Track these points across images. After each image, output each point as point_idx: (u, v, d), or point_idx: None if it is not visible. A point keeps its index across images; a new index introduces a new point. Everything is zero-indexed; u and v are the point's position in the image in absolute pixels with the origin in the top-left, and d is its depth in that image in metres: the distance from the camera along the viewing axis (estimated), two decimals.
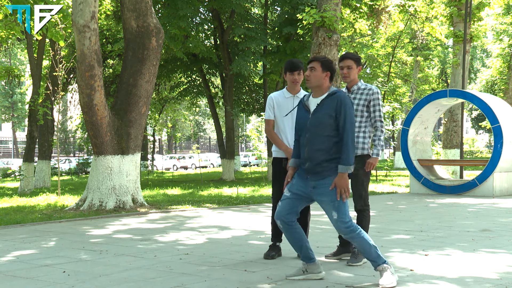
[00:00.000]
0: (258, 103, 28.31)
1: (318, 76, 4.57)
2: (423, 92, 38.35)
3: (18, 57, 48.03)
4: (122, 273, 4.99)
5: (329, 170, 4.46)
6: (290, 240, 4.69)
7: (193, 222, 8.75)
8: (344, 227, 4.43)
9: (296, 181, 4.63)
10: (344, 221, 4.42)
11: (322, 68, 4.57)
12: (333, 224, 4.48)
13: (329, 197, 4.44)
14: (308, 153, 4.53)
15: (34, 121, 18.48)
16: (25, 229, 8.18)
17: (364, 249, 4.46)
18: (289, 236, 4.67)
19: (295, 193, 4.60)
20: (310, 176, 4.52)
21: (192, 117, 57.36)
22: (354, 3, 20.41)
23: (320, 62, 4.58)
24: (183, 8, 19.12)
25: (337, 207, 4.42)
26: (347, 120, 4.44)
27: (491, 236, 7.02)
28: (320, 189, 4.48)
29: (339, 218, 4.42)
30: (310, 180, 4.52)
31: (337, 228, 4.48)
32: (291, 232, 4.64)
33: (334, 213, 4.43)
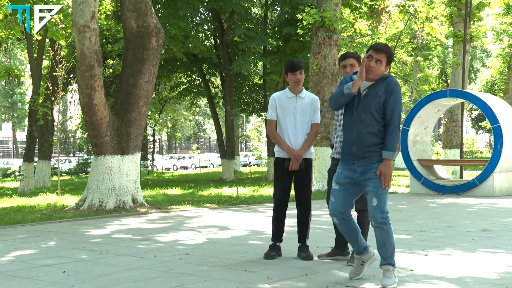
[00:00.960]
0: (258, 103, 28.32)
1: (382, 69, 4.39)
2: (423, 92, 38.34)
3: (18, 57, 48.03)
4: (122, 273, 4.99)
5: (378, 156, 4.38)
6: (347, 234, 4.60)
7: (193, 222, 8.76)
8: (381, 216, 4.34)
9: (342, 170, 4.50)
10: (383, 210, 4.34)
11: (387, 62, 4.40)
12: (370, 211, 4.39)
13: (374, 183, 4.35)
14: (355, 136, 4.42)
15: (34, 121, 18.48)
16: (25, 229, 8.18)
17: (384, 244, 4.38)
18: (346, 231, 4.58)
19: (344, 183, 4.48)
20: (357, 161, 4.42)
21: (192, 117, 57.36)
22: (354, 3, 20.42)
23: (388, 56, 4.38)
24: (183, 8, 19.12)
25: (379, 194, 4.34)
26: (396, 106, 4.38)
27: (491, 236, 7.02)
28: (367, 174, 4.38)
29: (379, 206, 4.33)
30: (357, 165, 4.42)
31: (372, 216, 4.37)
32: (349, 226, 4.56)
33: (374, 199, 4.34)
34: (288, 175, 5.57)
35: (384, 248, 4.40)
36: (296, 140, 5.53)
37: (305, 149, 5.53)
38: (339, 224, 4.57)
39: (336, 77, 14.76)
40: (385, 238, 4.39)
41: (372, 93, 4.42)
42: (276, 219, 5.65)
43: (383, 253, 4.41)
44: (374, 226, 4.40)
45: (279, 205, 5.63)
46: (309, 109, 5.57)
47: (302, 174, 5.54)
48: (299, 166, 5.48)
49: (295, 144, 5.52)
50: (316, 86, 14.75)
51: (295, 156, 5.43)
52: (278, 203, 5.63)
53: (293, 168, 5.47)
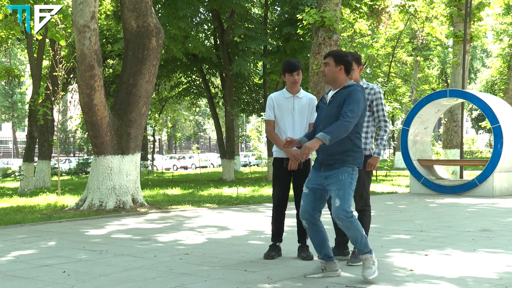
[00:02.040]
0: (258, 103, 28.31)
1: (331, 70, 4.67)
2: (423, 92, 38.33)
3: (18, 57, 48.03)
4: (122, 273, 4.99)
5: (342, 162, 4.59)
6: (313, 239, 4.76)
7: (193, 222, 8.76)
8: (343, 215, 4.46)
9: (311, 175, 4.77)
10: (345, 210, 4.48)
11: (335, 62, 4.65)
12: (333, 211, 4.54)
13: (336, 186, 4.55)
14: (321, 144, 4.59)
15: (34, 121, 18.48)
16: (25, 229, 8.18)
17: (356, 238, 4.54)
18: (313, 235, 4.74)
19: (312, 187, 4.71)
20: (324, 167, 4.66)
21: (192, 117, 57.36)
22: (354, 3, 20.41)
23: (334, 57, 4.67)
24: (183, 8, 19.11)
25: (341, 196, 4.52)
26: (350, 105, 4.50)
27: (491, 236, 7.02)
28: (331, 178, 4.59)
29: (340, 206, 4.49)
30: (324, 171, 4.66)
31: (336, 215, 4.51)
32: (317, 231, 4.73)
33: (337, 200, 4.52)
34: (287, 175, 5.57)
35: (357, 241, 4.56)
36: None
37: (303, 152, 5.52)
38: (308, 228, 4.74)
39: None
40: (355, 232, 4.52)
41: (334, 101, 4.64)
42: (275, 219, 5.66)
43: (358, 245, 4.58)
44: (342, 226, 4.53)
45: (279, 205, 5.63)
46: (307, 109, 5.58)
47: (301, 174, 5.54)
48: (298, 166, 5.49)
49: None
50: (316, 86, 14.75)
51: (294, 156, 5.43)
52: (278, 203, 5.63)
53: (292, 168, 5.47)
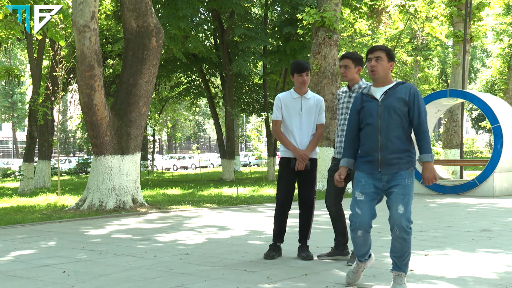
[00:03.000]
0: (258, 103, 28.32)
1: (385, 66, 4.32)
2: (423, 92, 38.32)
3: (18, 57, 48.03)
4: (122, 273, 4.99)
5: (406, 163, 4.24)
6: (363, 247, 4.38)
7: (193, 222, 8.76)
8: (406, 224, 4.11)
9: (366, 180, 4.29)
10: (409, 219, 4.14)
11: (388, 58, 4.35)
12: (394, 218, 4.14)
13: (402, 190, 4.17)
14: (382, 141, 4.23)
15: (34, 121, 18.48)
16: (25, 229, 8.18)
17: (403, 254, 4.17)
18: (364, 243, 4.35)
19: (370, 193, 4.27)
20: (384, 168, 4.24)
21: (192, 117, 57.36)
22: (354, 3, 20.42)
23: (386, 52, 4.34)
24: (183, 9, 19.11)
25: (406, 202, 4.15)
26: (422, 110, 4.27)
27: (491, 236, 7.02)
28: (394, 181, 4.21)
29: (405, 214, 4.12)
30: (383, 174, 4.24)
31: (398, 224, 4.11)
32: (368, 238, 4.36)
33: (401, 206, 4.13)
34: (292, 175, 5.58)
35: (402, 258, 4.19)
36: (301, 141, 5.55)
37: (311, 149, 5.54)
38: (361, 237, 4.31)
39: (336, 77, 14.76)
40: (406, 248, 4.16)
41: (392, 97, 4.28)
42: (278, 219, 5.65)
43: (399, 262, 4.21)
44: (396, 236, 4.15)
45: (283, 205, 5.63)
46: (315, 109, 5.59)
47: (307, 174, 5.55)
48: (304, 166, 5.49)
49: (301, 144, 5.54)
50: (316, 86, 14.75)
51: (301, 156, 5.44)
52: (282, 203, 5.62)
53: (299, 168, 5.48)
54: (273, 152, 23.81)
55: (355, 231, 4.30)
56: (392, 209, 4.18)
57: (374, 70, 4.32)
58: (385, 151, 4.23)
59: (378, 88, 4.37)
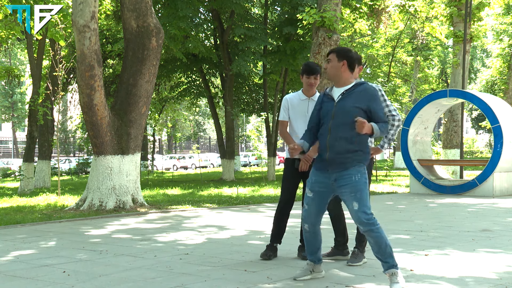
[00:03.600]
0: (258, 103, 28.31)
1: (334, 66, 4.51)
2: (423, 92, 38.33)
3: (18, 57, 48.02)
4: (122, 273, 4.99)
5: (352, 162, 4.36)
6: (311, 243, 4.61)
7: (193, 222, 8.76)
8: (365, 218, 4.24)
9: (316, 178, 4.49)
10: (366, 212, 4.26)
11: (337, 58, 4.50)
12: (353, 216, 4.31)
13: (350, 188, 4.32)
14: (330, 141, 4.40)
15: (34, 121, 18.48)
16: (25, 229, 8.18)
17: (379, 247, 4.25)
18: (311, 240, 4.60)
19: (318, 191, 4.48)
20: (332, 168, 4.39)
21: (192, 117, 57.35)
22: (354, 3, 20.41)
23: (336, 53, 4.51)
24: (183, 9, 19.11)
25: (359, 198, 4.29)
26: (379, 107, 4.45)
27: (491, 236, 7.02)
28: (342, 180, 4.35)
29: (360, 209, 4.26)
30: (332, 172, 4.39)
31: (356, 219, 4.29)
32: (316, 235, 4.59)
33: (355, 203, 4.28)
34: (296, 176, 5.59)
35: (381, 250, 4.26)
36: None
37: (315, 150, 5.54)
38: (308, 232, 4.58)
39: None
40: (378, 239, 4.24)
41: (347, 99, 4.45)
42: (278, 219, 5.65)
43: (382, 256, 4.26)
44: (364, 231, 4.28)
45: (285, 205, 5.63)
46: None
47: None
48: (308, 167, 5.50)
49: None
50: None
51: (305, 157, 5.46)
52: (284, 203, 5.63)
53: (302, 168, 5.49)
54: (273, 152, 23.81)
55: (303, 224, 4.61)
56: (348, 208, 4.40)
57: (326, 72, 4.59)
58: (331, 151, 4.40)
59: (338, 89, 4.56)
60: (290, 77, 24.44)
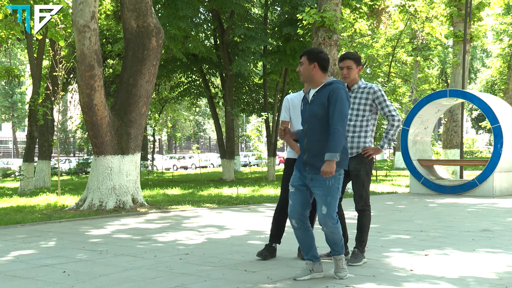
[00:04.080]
0: (258, 103, 28.31)
1: (305, 68, 4.60)
2: (423, 92, 38.33)
3: (18, 57, 48.02)
4: (122, 273, 4.99)
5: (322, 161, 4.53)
6: (302, 240, 4.71)
7: (193, 222, 8.76)
8: (331, 222, 4.53)
9: (295, 174, 4.69)
10: (333, 217, 4.52)
11: (308, 60, 4.59)
12: (320, 218, 4.55)
13: (323, 192, 4.52)
14: (306, 144, 4.57)
15: (34, 121, 18.48)
16: (25, 229, 8.18)
17: (335, 242, 4.62)
18: (302, 236, 4.69)
19: (298, 186, 4.65)
20: (308, 168, 4.57)
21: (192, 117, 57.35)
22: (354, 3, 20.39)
23: (306, 55, 4.61)
24: (183, 9, 19.10)
25: (329, 203, 4.52)
26: (336, 109, 4.43)
27: (491, 236, 7.02)
28: (316, 182, 4.54)
29: (328, 214, 4.53)
30: (308, 172, 4.58)
31: (322, 222, 4.55)
32: (306, 231, 4.68)
33: (324, 207, 4.52)
34: None
35: (336, 243, 4.64)
36: None
37: None
38: (297, 228, 4.66)
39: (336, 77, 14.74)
40: (337, 237, 4.61)
41: (315, 102, 4.56)
42: (277, 219, 5.65)
43: (336, 247, 4.65)
44: (326, 231, 4.60)
45: (284, 206, 5.62)
46: None
47: None
48: None
49: None
50: None
51: None
52: (284, 203, 5.62)
53: None
54: (273, 152, 23.81)
55: (290, 221, 4.72)
56: (317, 209, 4.59)
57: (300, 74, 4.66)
58: (308, 154, 4.56)
59: (312, 90, 4.68)
60: (290, 77, 24.44)
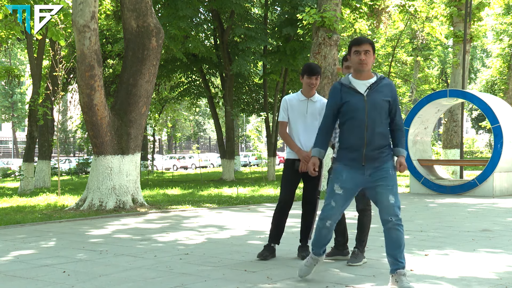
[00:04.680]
0: (258, 103, 28.31)
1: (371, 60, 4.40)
2: (423, 92, 38.32)
3: (18, 57, 48.02)
4: (122, 273, 4.99)
5: (388, 155, 4.38)
6: (325, 238, 4.51)
7: (193, 222, 8.76)
8: (399, 212, 4.29)
9: (347, 175, 4.36)
10: (400, 207, 4.31)
11: (373, 51, 4.43)
12: (388, 208, 4.26)
13: (389, 182, 4.32)
14: (368, 137, 4.30)
15: (34, 121, 18.48)
16: (25, 229, 8.18)
17: (400, 244, 4.24)
18: (327, 235, 4.50)
19: (349, 188, 4.37)
20: (368, 163, 4.32)
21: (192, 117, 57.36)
22: (354, 3, 20.41)
23: (371, 45, 4.40)
24: (183, 9, 19.11)
25: (395, 192, 4.32)
26: (398, 107, 4.47)
27: (491, 236, 7.02)
28: (379, 173, 4.32)
29: (396, 203, 4.29)
30: (367, 168, 4.33)
31: (392, 212, 4.26)
32: (331, 232, 4.52)
33: (391, 197, 4.28)
34: (296, 177, 5.60)
35: (400, 249, 4.25)
36: (306, 142, 5.57)
37: None
38: (329, 228, 4.45)
39: (336, 77, 14.76)
40: (402, 238, 4.26)
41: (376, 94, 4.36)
42: (277, 220, 5.65)
43: (399, 255, 4.24)
44: (393, 225, 4.24)
45: (284, 205, 5.63)
46: (320, 112, 5.61)
47: (311, 176, 5.55)
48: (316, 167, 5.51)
49: (306, 146, 5.56)
50: None
51: (305, 158, 5.46)
52: (283, 204, 5.63)
53: (302, 169, 5.49)
54: (273, 152, 23.81)
55: (324, 220, 4.44)
56: (383, 200, 4.30)
57: (364, 63, 4.36)
58: (370, 147, 4.33)
59: (361, 81, 4.41)
60: (290, 77, 24.44)
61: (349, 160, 4.38)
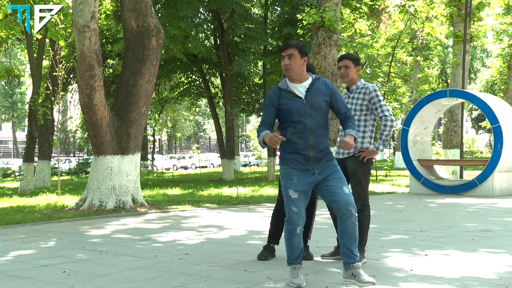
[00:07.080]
0: (258, 103, 28.30)
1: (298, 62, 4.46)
2: (423, 92, 38.32)
3: (18, 57, 48.02)
4: (122, 273, 4.99)
5: (331, 154, 4.52)
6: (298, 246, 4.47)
7: (193, 222, 8.76)
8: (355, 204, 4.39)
9: (298, 177, 4.41)
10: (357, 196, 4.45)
11: (300, 55, 4.49)
12: (345, 199, 4.33)
13: (339, 174, 4.44)
14: (313, 140, 4.39)
15: (34, 121, 18.48)
16: (25, 229, 8.18)
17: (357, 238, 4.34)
18: (300, 242, 4.48)
19: (303, 190, 4.42)
20: (315, 163, 4.41)
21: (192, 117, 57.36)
22: (354, 3, 20.40)
23: (298, 49, 4.47)
24: (183, 9, 19.10)
25: (347, 184, 4.43)
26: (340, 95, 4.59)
27: (491, 236, 7.02)
28: (328, 169, 4.42)
29: (351, 194, 4.41)
30: (316, 167, 4.42)
31: (349, 201, 4.33)
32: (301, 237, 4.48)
33: (345, 188, 4.38)
34: None
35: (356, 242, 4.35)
36: None
37: None
38: (297, 236, 4.41)
39: (336, 77, 14.76)
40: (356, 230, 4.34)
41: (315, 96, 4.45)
42: (277, 220, 5.64)
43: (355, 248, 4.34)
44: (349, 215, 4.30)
45: (283, 206, 5.61)
46: None
47: None
48: None
49: None
50: None
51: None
52: (282, 204, 5.61)
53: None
54: (273, 152, 23.81)
55: (294, 230, 4.41)
56: (338, 193, 4.37)
57: (289, 68, 4.46)
58: (315, 149, 4.43)
59: (298, 85, 4.50)
60: None
61: (297, 162, 4.45)
